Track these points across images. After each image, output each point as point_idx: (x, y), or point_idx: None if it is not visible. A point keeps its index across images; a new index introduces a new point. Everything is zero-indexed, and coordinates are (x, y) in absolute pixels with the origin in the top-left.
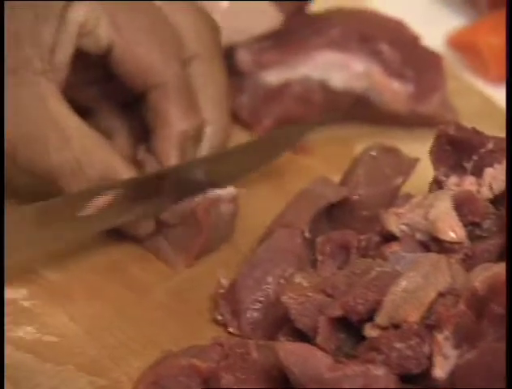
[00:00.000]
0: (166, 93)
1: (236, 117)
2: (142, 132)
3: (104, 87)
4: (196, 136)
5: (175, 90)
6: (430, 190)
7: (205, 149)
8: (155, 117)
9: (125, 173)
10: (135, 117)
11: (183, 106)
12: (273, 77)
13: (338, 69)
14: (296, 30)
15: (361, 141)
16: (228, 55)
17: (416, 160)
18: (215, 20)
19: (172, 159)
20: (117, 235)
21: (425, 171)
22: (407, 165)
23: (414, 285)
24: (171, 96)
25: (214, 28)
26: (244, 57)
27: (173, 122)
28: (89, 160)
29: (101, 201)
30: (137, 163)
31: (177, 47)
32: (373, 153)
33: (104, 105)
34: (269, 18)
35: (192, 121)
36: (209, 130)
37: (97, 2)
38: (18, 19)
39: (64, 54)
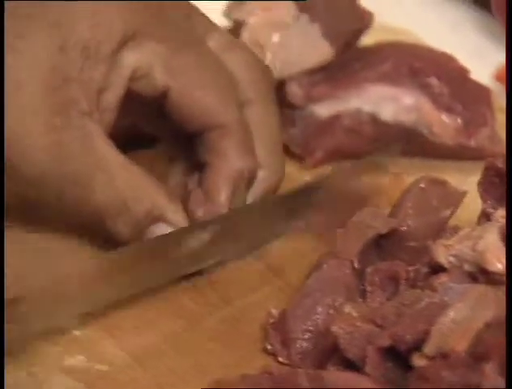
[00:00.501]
0: (225, 134)
1: (287, 150)
2: (194, 165)
3: (156, 123)
4: (249, 179)
5: (234, 131)
6: (478, 223)
7: (257, 192)
8: (211, 154)
9: (172, 209)
10: (187, 151)
11: (241, 147)
12: (324, 110)
13: (388, 102)
14: (347, 63)
15: (411, 173)
16: (280, 88)
17: (465, 193)
18: (267, 65)
19: (222, 195)
20: None
21: (473, 203)
22: (456, 197)
23: (462, 316)
24: (230, 137)
25: (266, 73)
26: (295, 91)
27: (230, 160)
28: (134, 198)
29: (193, 241)
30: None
31: (233, 90)
32: (422, 185)
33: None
34: (321, 51)
35: (248, 163)
36: (262, 175)
37: (150, 44)
38: (67, 60)
39: (113, 96)
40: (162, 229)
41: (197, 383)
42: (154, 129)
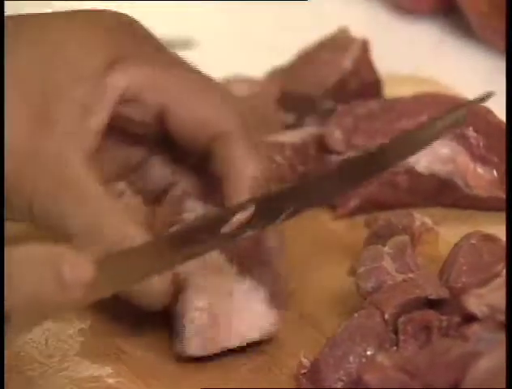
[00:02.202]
0: (231, 140)
1: None
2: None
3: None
4: (264, 182)
5: (240, 135)
6: None
7: None
8: (223, 166)
9: (139, 238)
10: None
11: (250, 149)
12: None
13: (424, 153)
14: (384, 113)
15: (445, 224)
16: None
17: None
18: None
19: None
20: None
21: None
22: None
23: (495, 365)
24: (237, 142)
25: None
26: (337, 136)
27: (244, 165)
28: (100, 226)
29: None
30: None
31: (230, 96)
32: (474, 241)
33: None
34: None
35: (260, 166)
36: None
37: (136, 67)
38: (51, 77)
39: (99, 119)
40: None
41: None
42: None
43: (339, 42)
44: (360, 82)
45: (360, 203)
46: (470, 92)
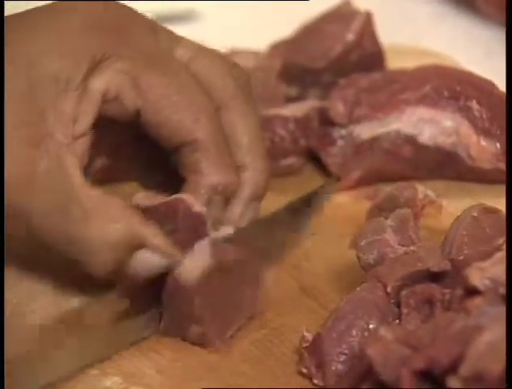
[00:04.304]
0: (198, 149)
1: (324, 169)
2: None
3: (135, 147)
4: (227, 193)
5: (207, 146)
6: None
7: (245, 194)
8: (186, 170)
9: (151, 234)
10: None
11: (214, 161)
12: (364, 131)
13: (427, 125)
14: (388, 85)
15: (448, 196)
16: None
17: None
18: (241, 67)
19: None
20: None
21: None
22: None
23: (497, 338)
24: (203, 152)
25: (238, 75)
26: (339, 109)
27: (204, 174)
28: (112, 230)
29: None
30: None
31: (205, 102)
32: (475, 214)
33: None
34: None
35: (223, 177)
36: (247, 176)
37: (117, 65)
38: (38, 93)
39: (85, 124)
40: (146, 256)
41: None
42: (130, 159)
43: (342, 14)
44: (364, 54)
45: (363, 174)
46: (471, 63)
